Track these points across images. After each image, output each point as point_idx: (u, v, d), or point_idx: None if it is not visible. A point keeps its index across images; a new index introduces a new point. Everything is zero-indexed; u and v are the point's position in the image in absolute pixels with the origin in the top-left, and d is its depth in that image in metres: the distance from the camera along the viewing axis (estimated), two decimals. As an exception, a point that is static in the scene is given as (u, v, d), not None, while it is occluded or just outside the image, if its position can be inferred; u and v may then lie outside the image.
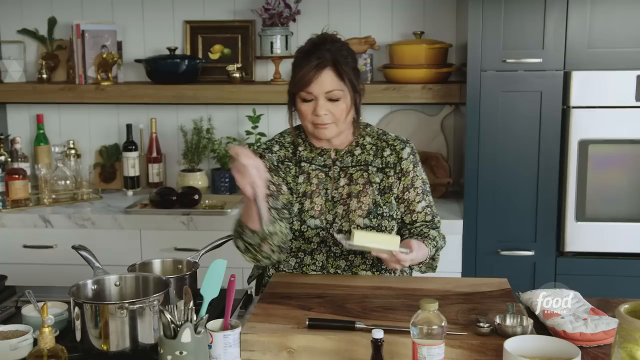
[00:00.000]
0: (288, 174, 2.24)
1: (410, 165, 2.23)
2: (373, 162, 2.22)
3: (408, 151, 2.24)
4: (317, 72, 2.09)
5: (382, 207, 2.19)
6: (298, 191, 2.22)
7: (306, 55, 2.13)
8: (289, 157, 2.26)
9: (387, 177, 2.22)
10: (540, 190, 3.10)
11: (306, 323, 1.74)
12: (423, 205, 2.23)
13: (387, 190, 2.21)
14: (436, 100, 3.40)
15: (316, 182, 2.22)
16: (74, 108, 3.83)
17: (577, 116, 3.01)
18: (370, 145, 2.25)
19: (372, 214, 2.18)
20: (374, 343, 1.56)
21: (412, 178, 2.23)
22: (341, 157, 2.23)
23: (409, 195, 2.22)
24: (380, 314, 1.85)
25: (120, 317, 1.65)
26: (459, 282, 2.13)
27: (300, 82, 2.11)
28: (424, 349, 1.51)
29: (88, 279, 1.82)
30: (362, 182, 2.20)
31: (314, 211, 2.20)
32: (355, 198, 2.19)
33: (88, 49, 3.58)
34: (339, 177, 2.22)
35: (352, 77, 2.13)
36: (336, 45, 2.14)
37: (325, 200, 2.20)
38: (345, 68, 2.11)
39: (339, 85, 2.10)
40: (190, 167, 3.67)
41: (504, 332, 1.68)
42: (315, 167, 2.23)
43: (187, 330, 1.44)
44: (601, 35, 2.99)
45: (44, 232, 3.30)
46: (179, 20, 3.75)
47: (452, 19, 3.62)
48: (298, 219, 2.20)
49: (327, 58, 2.09)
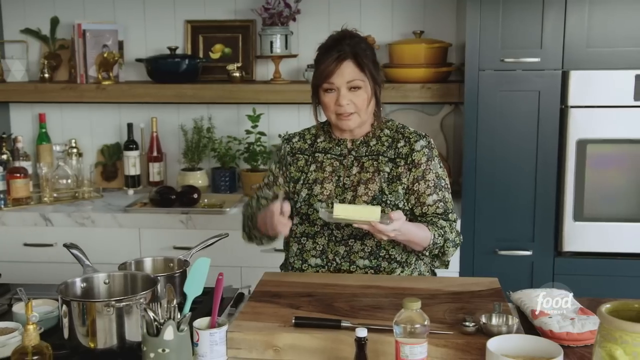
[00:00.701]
0: (293, 164, 2.35)
1: (423, 158, 2.26)
2: (385, 153, 2.28)
3: (422, 144, 2.27)
4: (338, 64, 2.19)
5: (387, 195, 2.23)
6: (308, 179, 2.31)
7: (327, 50, 2.24)
8: (305, 149, 2.37)
9: (397, 166, 2.26)
10: (538, 189, 3.09)
11: (292, 321, 1.75)
12: (434, 199, 2.24)
13: (395, 180, 2.25)
14: (435, 100, 3.40)
15: (330, 170, 2.30)
16: (76, 107, 3.85)
17: (575, 116, 3.00)
18: (386, 138, 2.31)
19: (376, 200, 2.22)
20: (358, 342, 1.57)
21: (424, 171, 2.25)
22: (357, 147, 2.31)
23: (418, 187, 2.24)
24: (368, 313, 1.85)
25: (108, 315, 1.66)
26: (450, 281, 2.13)
27: (322, 74, 2.22)
28: (407, 348, 1.52)
29: (77, 277, 1.83)
30: (372, 171, 2.26)
31: (323, 196, 2.27)
32: (364, 185, 2.25)
33: (89, 49, 3.61)
34: (352, 166, 2.29)
35: (371, 69, 2.22)
36: (355, 40, 2.24)
37: (335, 187, 2.28)
38: (365, 60, 2.21)
39: (359, 75, 2.20)
40: (191, 166, 3.69)
41: (489, 332, 1.68)
42: (331, 156, 2.32)
43: (170, 328, 1.45)
44: (599, 35, 2.98)
45: (45, 230, 3.33)
46: (180, 19, 3.77)
47: (452, 19, 3.61)
48: (306, 203, 2.28)
49: (347, 51, 2.20)
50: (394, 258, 2.24)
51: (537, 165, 3.08)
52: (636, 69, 2.95)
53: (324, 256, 2.26)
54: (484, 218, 3.13)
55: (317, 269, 2.27)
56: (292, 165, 2.36)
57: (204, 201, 3.42)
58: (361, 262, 2.24)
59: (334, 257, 2.25)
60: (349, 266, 2.24)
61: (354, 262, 2.24)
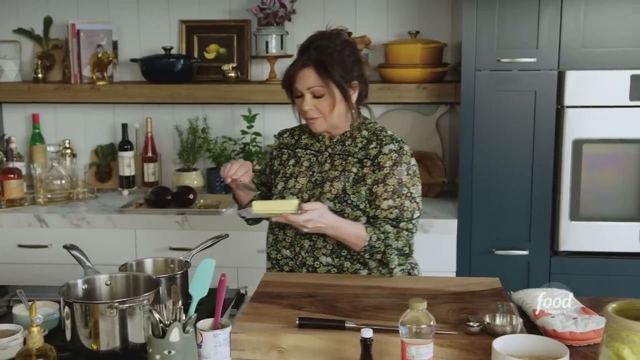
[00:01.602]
0: (278, 158, 2.42)
1: (389, 162, 2.23)
2: (356, 154, 2.28)
3: (391, 148, 2.25)
4: (299, 70, 2.22)
5: (349, 195, 2.23)
6: (286, 173, 2.36)
7: (298, 54, 2.26)
8: (290, 144, 2.41)
9: (363, 167, 2.25)
10: (535, 189, 3.10)
11: (296, 322, 1.74)
12: (389, 204, 2.21)
13: (360, 181, 2.25)
14: (431, 100, 3.41)
15: (306, 165, 2.33)
16: (70, 108, 3.83)
17: (571, 116, 3.01)
18: (362, 139, 2.30)
19: (338, 199, 2.23)
20: (363, 342, 1.56)
21: (387, 175, 2.22)
22: (333, 145, 2.32)
23: (377, 189, 2.23)
24: (371, 313, 1.85)
25: (110, 317, 1.65)
26: (451, 281, 2.13)
27: (285, 80, 2.27)
28: (413, 348, 1.52)
29: (79, 278, 1.82)
30: (340, 170, 2.27)
31: (295, 189, 2.31)
32: (329, 182, 2.26)
33: (83, 49, 3.59)
34: (325, 162, 2.31)
35: (336, 75, 2.19)
36: (324, 44, 2.22)
37: (307, 181, 2.31)
38: (329, 67, 2.19)
39: (320, 82, 2.19)
40: (186, 166, 3.68)
41: (494, 332, 1.68)
42: (309, 152, 2.35)
43: (176, 329, 1.44)
44: (595, 35, 2.99)
45: (39, 231, 3.31)
46: (174, 19, 3.76)
47: (448, 19, 3.62)
48: (280, 196, 2.32)
49: (312, 57, 2.20)
50: (356, 258, 2.23)
51: (534, 165, 3.09)
52: (632, 69, 2.96)
53: (292, 248, 2.29)
54: (481, 218, 3.14)
55: (287, 261, 2.30)
56: (276, 159, 2.43)
57: (199, 202, 3.41)
58: (324, 259, 2.25)
59: (299, 250, 2.28)
60: (313, 261, 2.26)
61: (317, 258, 2.25)
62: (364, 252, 2.18)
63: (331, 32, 2.29)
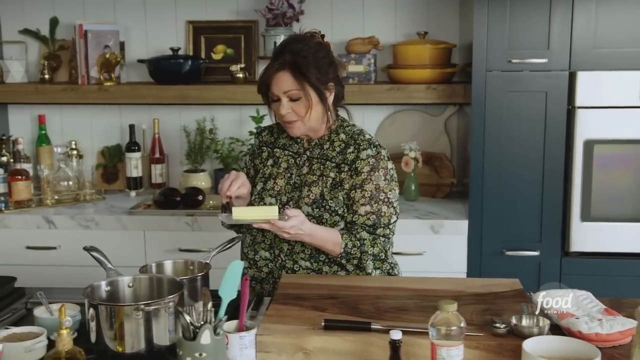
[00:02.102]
0: (258, 157, 2.41)
1: (366, 167, 2.22)
2: (334, 159, 2.27)
3: (369, 153, 2.24)
4: (274, 74, 2.21)
5: (327, 200, 2.23)
6: (265, 173, 2.35)
7: (272, 59, 2.26)
8: (270, 142, 2.41)
9: (341, 172, 2.25)
10: (546, 190, 3.10)
11: (322, 324, 1.74)
12: (367, 210, 2.21)
13: (338, 186, 2.25)
14: (441, 101, 3.40)
15: (285, 167, 2.34)
16: (76, 109, 3.81)
17: (583, 116, 3.01)
18: (340, 142, 2.30)
19: (316, 204, 2.23)
20: (392, 344, 1.55)
21: (364, 180, 2.22)
22: (312, 148, 2.32)
23: (354, 195, 2.23)
24: (394, 315, 1.84)
25: (136, 319, 1.64)
26: (471, 282, 2.13)
27: (261, 84, 2.26)
28: (443, 350, 1.51)
29: (102, 280, 1.81)
30: (318, 174, 2.27)
31: (273, 191, 2.31)
32: (307, 187, 2.26)
33: (91, 49, 3.57)
34: (303, 165, 2.31)
35: (312, 77, 2.19)
36: (299, 47, 2.21)
37: (286, 184, 2.30)
38: (304, 69, 2.18)
39: (296, 85, 2.19)
40: (193, 167, 3.66)
41: (521, 333, 1.68)
42: (288, 153, 2.35)
43: (207, 331, 1.43)
44: (606, 36, 2.99)
45: (48, 233, 3.29)
46: (181, 20, 3.74)
47: (456, 19, 3.62)
48: (259, 196, 2.32)
49: (287, 60, 2.19)
50: (334, 261, 2.23)
51: (544, 165, 3.09)
52: (641, 70, 2.97)
53: (271, 250, 2.30)
54: (491, 219, 3.14)
55: (266, 262, 2.30)
56: (257, 158, 2.42)
57: (209, 203, 3.40)
58: (303, 262, 2.26)
59: (279, 253, 2.28)
60: (292, 264, 2.26)
61: (296, 261, 2.26)
62: (341, 257, 2.20)
63: (304, 35, 2.30)
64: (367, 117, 3.65)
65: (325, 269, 2.25)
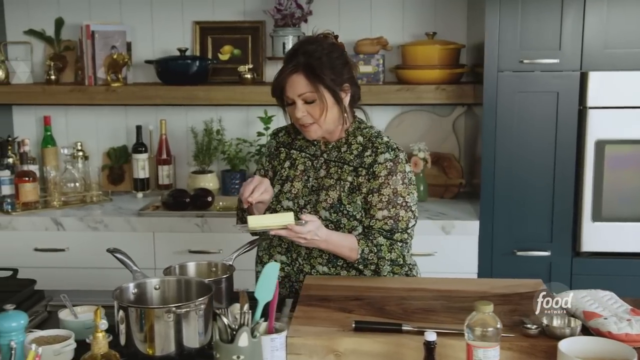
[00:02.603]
0: (276, 158, 2.37)
1: (384, 172, 2.20)
2: (351, 162, 2.24)
3: (387, 157, 2.21)
4: (288, 77, 2.17)
5: (345, 205, 2.20)
6: (282, 175, 2.32)
7: (285, 61, 2.22)
8: (287, 143, 2.37)
9: (358, 176, 2.22)
10: (557, 190, 3.11)
11: (352, 326, 1.73)
12: (384, 215, 2.19)
13: (355, 190, 2.22)
14: (450, 101, 3.40)
15: (302, 169, 2.30)
16: (81, 110, 3.79)
17: (594, 116, 3.02)
18: (357, 145, 2.27)
19: (334, 209, 2.20)
20: (427, 345, 1.55)
21: (381, 184, 2.19)
22: (329, 150, 2.29)
23: (371, 199, 2.20)
24: (422, 316, 1.84)
25: (166, 321, 1.63)
26: (494, 283, 2.13)
27: (275, 87, 2.22)
28: (480, 351, 1.51)
29: (130, 282, 1.79)
30: (335, 178, 2.24)
31: (291, 194, 2.28)
32: (325, 191, 2.23)
33: (98, 50, 3.54)
34: (320, 168, 2.28)
35: (327, 79, 2.15)
36: (312, 48, 2.17)
37: (303, 186, 2.28)
38: (318, 71, 2.15)
39: (310, 88, 2.15)
40: (201, 168, 3.65)
41: (552, 334, 1.68)
42: (305, 155, 2.32)
43: (245, 334, 1.42)
44: (618, 36, 3.00)
45: (56, 235, 3.27)
46: (188, 21, 3.73)
47: (463, 20, 3.62)
48: (276, 199, 2.29)
49: (300, 63, 2.15)
50: (351, 266, 2.21)
51: (556, 165, 3.09)
52: (654, 70, 2.98)
53: (288, 254, 2.28)
54: (503, 219, 3.14)
55: (282, 266, 2.27)
56: (276, 159, 2.38)
57: (218, 204, 3.38)
58: (320, 268, 2.23)
59: (297, 257, 2.26)
60: (310, 269, 2.24)
61: (314, 266, 2.24)
62: (358, 263, 2.18)
63: (317, 36, 2.26)
64: (375, 118, 3.62)
65: (342, 274, 2.23)
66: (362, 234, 2.21)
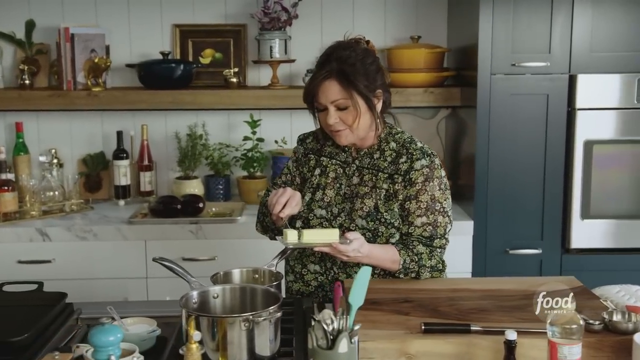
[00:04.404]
0: (305, 165, 2.35)
1: (420, 178, 2.18)
2: (386, 169, 2.22)
3: (423, 163, 2.19)
4: (321, 83, 2.14)
5: (382, 213, 2.18)
6: (312, 182, 2.29)
7: (318, 67, 2.18)
8: (316, 150, 2.34)
9: (395, 183, 2.20)
10: (547, 189, 3.20)
11: (422, 328, 1.73)
12: (423, 221, 2.18)
13: (392, 197, 2.20)
14: (438, 104, 3.45)
15: (333, 176, 2.27)
16: (54, 115, 3.65)
17: (582, 118, 3.12)
18: (390, 152, 2.24)
19: (370, 217, 2.18)
20: (508, 345, 1.57)
21: (419, 191, 2.18)
22: (361, 157, 2.27)
23: (409, 206, 2.19)
24: (478, 316, 1.86)
25: (239, 330, 1.59)
26: (531, 282, 2.14)
27: (307, 93, 2.19)
28: (565, 349, 1.54)
29: (194, 290, 1.75)
30: (370, 185, 2.22)
31: (323, 202, 2.25)
32: (360, 199, 2.21)
33: (77, 54, 3.42)
34: (353, 175, 2.26)
35: (360, 85, 2.12)
36: (345, 54, 2.14)
37: (336, 194, 2.25)
38: (352, 77, 2.12)
39: (343, 94, 2.12)
40: (186, 174, 3.57)
41: (615, 328, 1.72)
42: (336, 162, 2.29)
43: (344, 340, 1.41)
44: (603, 40, 3.11)
45: (41, 246, 3.14)
46: (167, 24, 3.65)
47: (443, 23, 3.67)
48: (308, 208, 2.26)
49: (333, 69, 2.12)
50: (389, 273, 2.21)
51: (546, 166, 3.18)
52: (638, 73, 3.10)
53: (322, 263, 2.24)
54: (496, 219, 3.21)
55: (315, 276, 2.25)
56: (305, 166, 2.35)
57: (211, 210, 3.33)
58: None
59: (331, 266, 2.23)
60: (345, 277, 2.21)
61: (350, 274, 2.21)
62: (399, 273, 2.17)
63: (350, 42, 2.21)
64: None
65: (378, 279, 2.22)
66: (402, 243, 2.19)
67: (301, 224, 2.27)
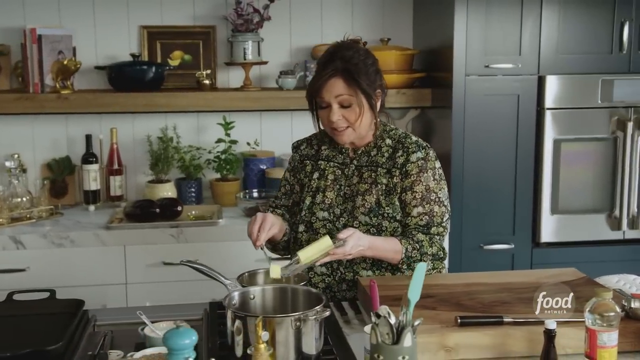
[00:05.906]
0: (302, 171, 2.39)
1: (415, 169, 2.26)
2: (384, 164, 2.29)
3: (418, 156, 2.27)
4: (327, 80, 2.20)
5: (384, 207, 2.25)
6: (312, 186, 2.33)
7: (322, 65, 2.24)
8: (311, 155, 2.39)
9: (393, 177, 2.27)
10: (518, 186, 3.32)
11: (458, 321, 1.78)
12: (419, 211, 2.25)
13: (392, 191, 2.27)
14: (410, 104, 3.53)
15: (332, 178, 2.32)
16: (14, 119, 3.52)
17: (551, 117, 3.26)
18: (387, 148, 2.31)
19: (373, 213, 2.24)
20: (548, 334, 1.64)
21: (414, 182, 2.25)
22: (358, 157, 2.32)
23: (405, 197, 2.27)
24: (502, 308, 1.92)
25: (287, 329, 1.61)
26: (538, 274, 2.24)
27: (312, 90, 2.24)
28: (605, 335, 1.62)
29: (234, 291, 1.75)
30: (370, 182, 2.28)
31: (324, 204, 2.29)
32: (361, 196, 2.26)
33: (45, 55, 3.32)
34: (353, 175, 2.31)
35: (363, 84, 2.20)
36: (349, 54, 2.21)
37: (336, 195, 2.30)
38: (356, 75, 2.19)
39: (348, 91, 2.19)
40: (158, 178, 3.52)
41: (636, 315, 1.82)
42: (334, 165, 2.34)
43: (409, 334, 1.44)
44: (570, 42, 3.25)
45: (14, 254, 3.04)
46: (134, 25, 3.59)
47: (409, 26, 3.75)
48: (309, 211, 2.30)
49: (338, 67, 2.19)
50: (396, 268, 2.26)
51: (517, 163, 3.31)
52: (601, 74, 3.26)
53: (328, 265, 2.27)
54: (470, 216, 3.30)
55: (323, 277, 2.29)
56: (301, 172, 2.39)
57: (191, 213, 3.30)
58: (364, 272, 2.26)
59: (337, 267, 2.27)
60: (352, 276, 2.26)
61: (357, 272, 2.26)
62: (402, 263, 2.21)
63: (351, 43, 2.29)
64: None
65: (387, 275, 2.26)
66: (401, 234, 2.26)
67: (304, 227, 2.31)
